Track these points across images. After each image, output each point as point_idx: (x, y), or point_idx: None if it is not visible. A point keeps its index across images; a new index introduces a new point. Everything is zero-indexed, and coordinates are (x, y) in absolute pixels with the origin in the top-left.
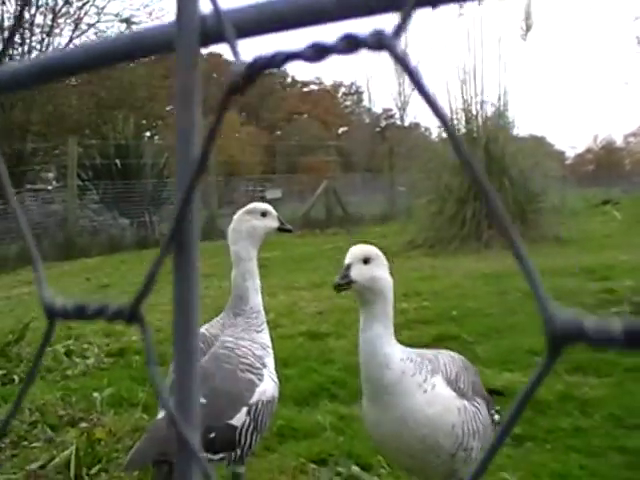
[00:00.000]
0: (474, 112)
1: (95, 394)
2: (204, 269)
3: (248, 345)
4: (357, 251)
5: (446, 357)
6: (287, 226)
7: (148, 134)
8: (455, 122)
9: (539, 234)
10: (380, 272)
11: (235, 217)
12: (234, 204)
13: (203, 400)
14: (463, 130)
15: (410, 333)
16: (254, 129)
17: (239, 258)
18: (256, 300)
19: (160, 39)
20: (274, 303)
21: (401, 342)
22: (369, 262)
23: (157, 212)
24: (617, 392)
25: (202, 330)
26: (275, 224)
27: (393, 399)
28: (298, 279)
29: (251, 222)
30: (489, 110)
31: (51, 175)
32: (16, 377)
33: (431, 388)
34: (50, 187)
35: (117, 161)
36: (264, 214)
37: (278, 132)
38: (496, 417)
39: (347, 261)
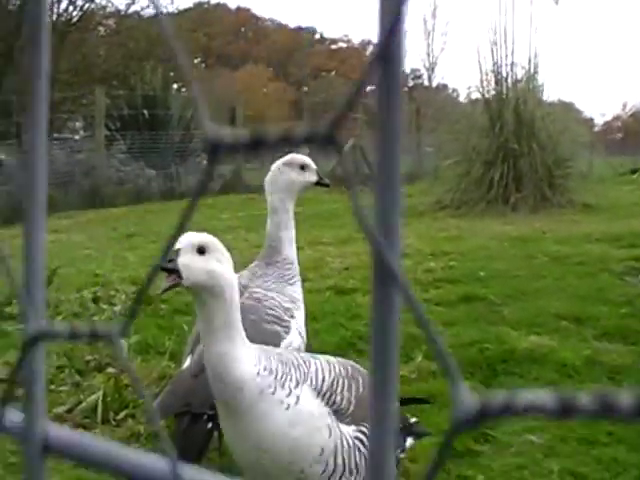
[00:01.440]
0: (504, 74)
1: (122, 340)
2: (231, 221)
3: (276, 297)
4: (190, 237)
5: (323, 362)
6: (325, 180)
7: (175, 86)
8: (485, 84)
9: (566, 200)
10: (220, 267)
11: (273, 167)
12: (260, 158)
13: None
14: (492, 92)
15: (437, 292)
16: (281, 85)
17: (275, 209)
18: (290, 251)
19: None
20: (301, 257)
21: (426, 301)
22: (205, 253)
23: (183, 164)
24: None
25: None
26: (313, 178)
27: (251, 423)
28: (325, 235)
29: (289, 175)
30: (519, 72)
31: (79, 125)
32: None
33: (294, 402)
34: (77, 137)
35: (144, 112)
36: (303, 167)
37: (305, 88)
38: (408, 442)
39: (176, 246)
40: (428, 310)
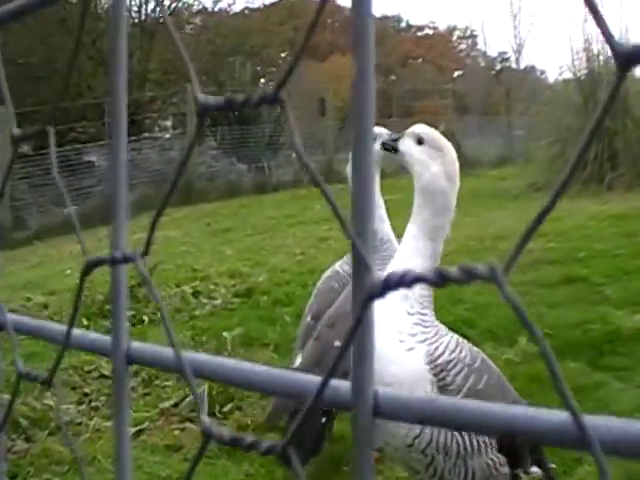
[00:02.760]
0: (595, 51)
1: (225, 334)
2: (324, 211)
3: None
4: (414, 128)
5: (453, 341)
6: (390, 144)
7: (263, 80)
8: (576, 62)
9: None
10: (437, 167)
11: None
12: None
13: (338, 343)
14: (584, 70)
15: (537, 273)
16: None
17: None
18: (384, 230)
19: None
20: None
21: (525, 284)
22: (423, 144)
23: (274, 157)
24: None
25: (336, 267)
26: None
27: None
28: None
29: None
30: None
31: (169, 123)
32: (145, 317)
33: (407, 348)
34: (168, 135)
35: None
36: (375, 139)
37: (393, 77)
38: (533, 469)
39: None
40: (529, 292)
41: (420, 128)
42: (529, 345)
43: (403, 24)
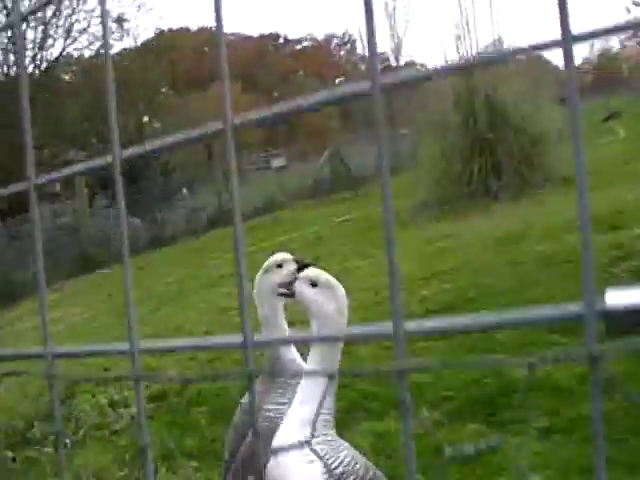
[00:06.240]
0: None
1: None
2: (221, 269)
3: None
4: (307, 272)
5: (350, 454)
6: (288, 290)
7: (146, 118)
8: (447, 53)
9: (545, 177)
10: (333, 311)
11: (256, 278)
12: (242, 175)
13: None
14: (457, 60)
15: None
16: (253, 96)
17: (267, 321)
18: (290, 354)
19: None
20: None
21: (427, 337)
22: (317, 286)
23: (166, 207)
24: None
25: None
26: (292, 267)
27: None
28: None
29: (271, 280)
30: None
31: (57, 187)
32: (67, 439)
33: (308, 461)
34: (57, 193)
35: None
36: (280, 265)
37: (275, 94)
38: None
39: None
40: (428, 348)
41: (313, 272)
42: (433, 414)
43: (281, 40)
